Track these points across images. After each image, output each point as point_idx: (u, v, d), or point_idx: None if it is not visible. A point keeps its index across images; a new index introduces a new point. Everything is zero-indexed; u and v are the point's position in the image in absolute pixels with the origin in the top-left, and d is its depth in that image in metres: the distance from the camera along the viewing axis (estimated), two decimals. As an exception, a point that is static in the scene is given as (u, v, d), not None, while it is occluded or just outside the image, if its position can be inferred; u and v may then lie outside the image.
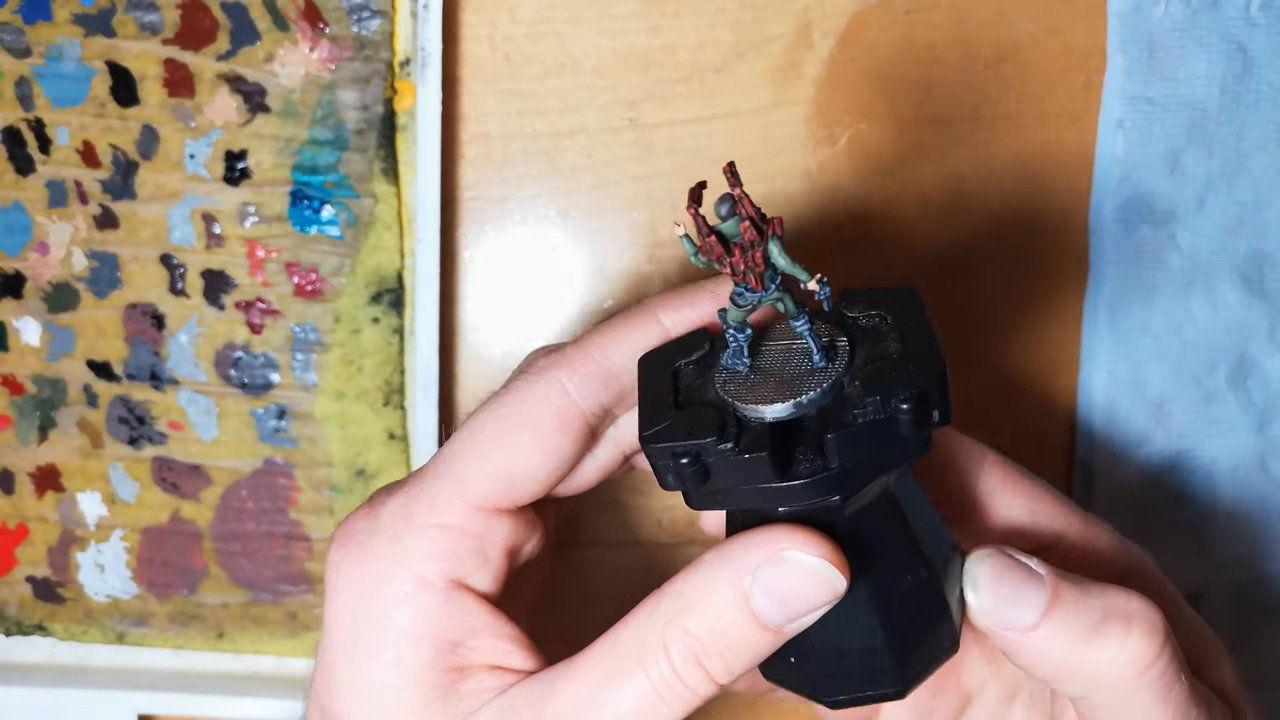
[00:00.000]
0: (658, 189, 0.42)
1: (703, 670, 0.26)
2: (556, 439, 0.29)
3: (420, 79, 0.39)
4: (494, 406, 0.29)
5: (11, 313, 0.42)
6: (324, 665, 0.29)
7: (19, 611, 0.43)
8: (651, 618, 0.27)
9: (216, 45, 0.40)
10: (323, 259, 0.41)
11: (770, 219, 0.25)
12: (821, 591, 0.26)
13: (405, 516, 0.29)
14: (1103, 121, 0.41)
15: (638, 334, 0.30)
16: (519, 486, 0.29)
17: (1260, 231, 0.42)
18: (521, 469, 0.29)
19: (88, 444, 0.42)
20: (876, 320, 0.28)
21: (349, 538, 0.29)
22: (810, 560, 0.26)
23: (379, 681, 0.28)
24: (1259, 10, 0.40)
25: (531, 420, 0.29)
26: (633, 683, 0.26)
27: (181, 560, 0.43)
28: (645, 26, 0.41)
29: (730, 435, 0.26)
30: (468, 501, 0.28)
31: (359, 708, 0.28)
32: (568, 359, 0.29)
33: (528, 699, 0.28)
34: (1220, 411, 0.43)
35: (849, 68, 0.41)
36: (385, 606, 0.28)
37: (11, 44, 0.40)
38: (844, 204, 0.42)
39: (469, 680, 0.28)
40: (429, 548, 0.28)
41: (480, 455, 0.29)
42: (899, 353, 0.27)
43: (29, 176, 0.41)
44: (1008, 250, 0.43)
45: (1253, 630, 0.44)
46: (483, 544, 0.29)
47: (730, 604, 0.26)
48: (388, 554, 0.28)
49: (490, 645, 0.29)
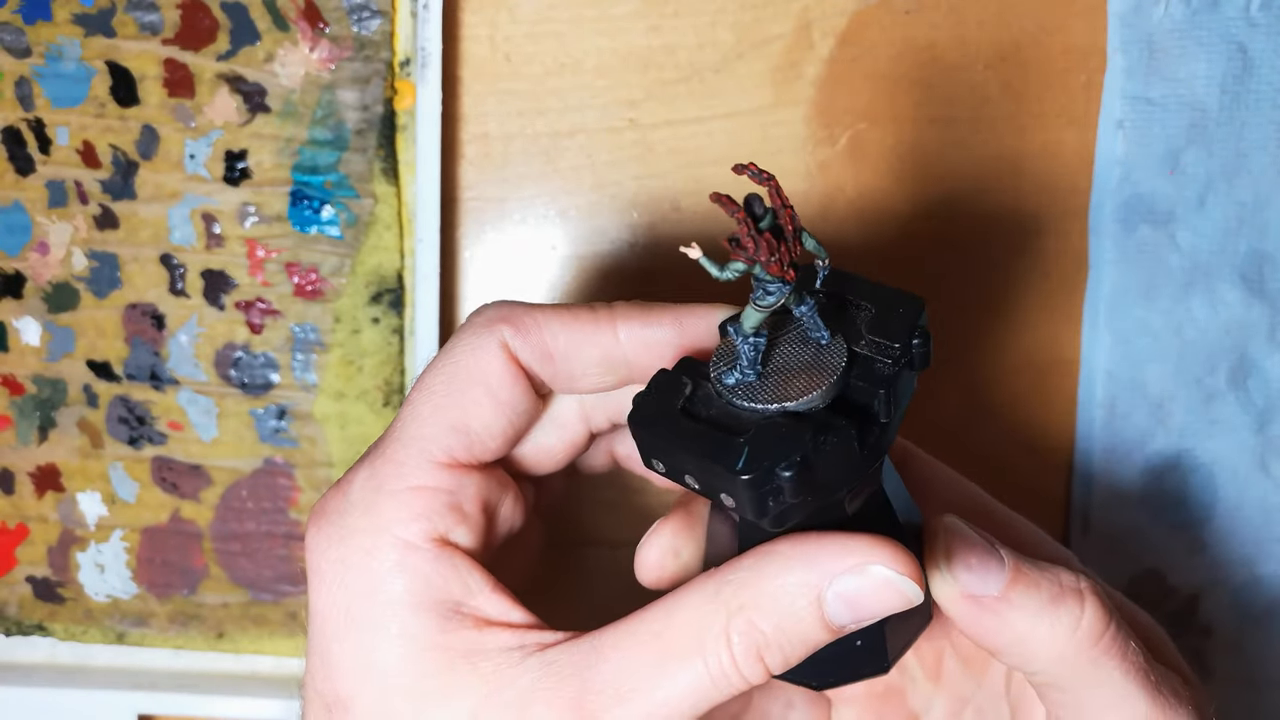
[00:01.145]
0: (658, 189, 0.42)
1: (761, 663, 0.27)
2: (508, 391, 0.29)
3: (420, 79, 0.39)
4: (443, 364, 0.29)
5: (11, 313, 0.42)
6: (319, 652, 0.29)
7: (19, 611, 0.43)
8: (714, 603, 0.27)
9: (216, 45, 0.40)
10: (323, 259, 0.41)
11: (787, 205, 0.26)
12: (897, 602, 0.27)
13: (375, 486, 0.28)
14: (1103, 121, 0.41)
15: (589, 330, 0.30)
16: (479, 440, 0.29)
17: (1260, 231, 0.42)
18: (478, 422, 0.29)
19: (88, 444, 0.42)
20: (820, 296, 0.28)
21: (324, 518, 0.29)
22: (893, 576, 0.26)
23: (385, 657, 0.27)
24: (1259, 10, 0.40)
25: (480, 374, 0.29)
26: (690, 667, 0.26)
27: (181, 560, 0.43)
28: (645, 26, 0.41)
29: (822, 429, 0.26)
30: (432, 459, 0.28)
31: (368, 689, 0.28)
32: (515, 318, 0.29)
33: (572, 665, 0.27)
34: (1220, 411, 0.42)
35: (849, 68, 0.41)
36: (376, 580, 0.28)
37: (11, 44, 0.40)
38: (844, 204, 0.42)
39: (481, 640, 0.28)
40: (405, 511, 0.28)
41: (436, 413, 0.29)
42: (876, 308, 0.28)
43: (29, 176, 0.41)
44: (1008, 250, 0.43)
45: (1253, 630, 0.44)
46: (456, 499, 0.28)
47: (802, 605, 0.26)
48: (365, 526, 0.28)
49: (490, 603, 0.28)
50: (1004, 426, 0.43)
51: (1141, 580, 0.43)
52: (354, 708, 0.28)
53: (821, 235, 0.42)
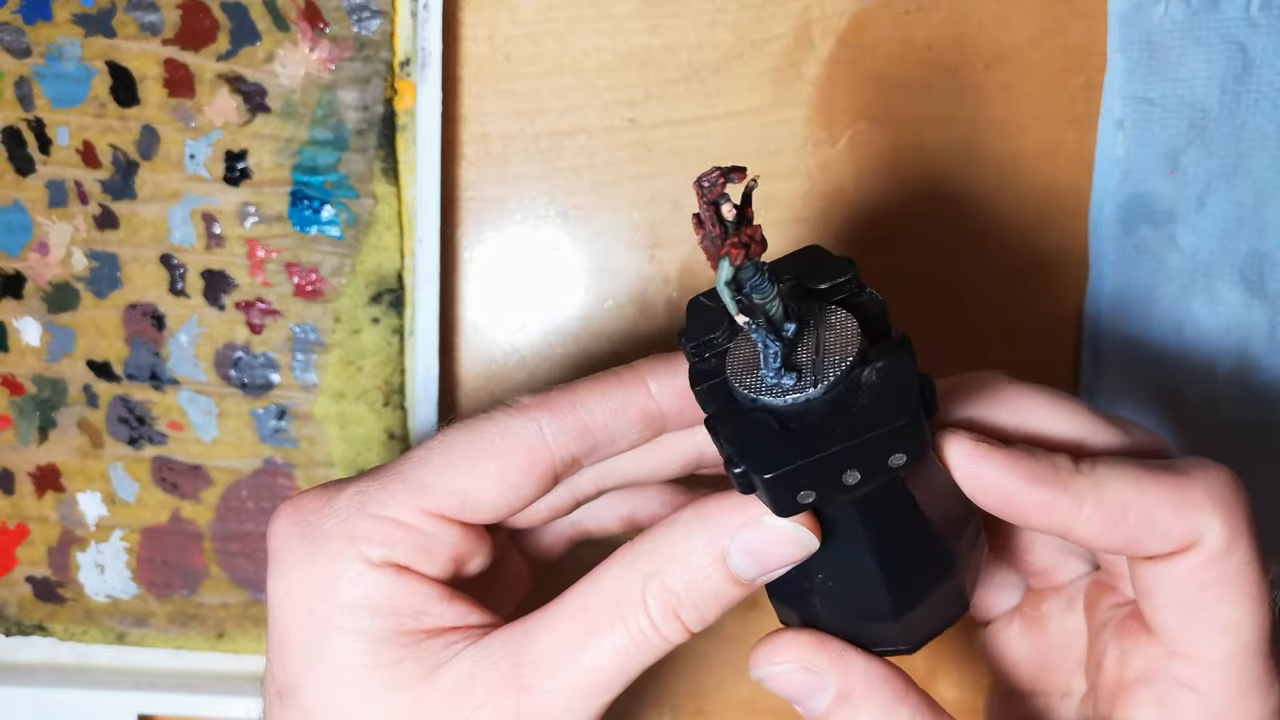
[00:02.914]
0: (658, 189, 0.42)
1: (679, 622, 0.28)
2: (519, 476, 0.30)
3: (420, 79, 0.39)
4: (471, 428, 0.30)
5: (11, 313, 0.42)
6: (275, 640, 0.30)
7: (19, 611, 0.43)
8: (630, 571, 0.28)
9: (216, 45, 0.40)
10: (323, 259, 0.41)
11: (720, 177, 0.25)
12: (795, 551, 0.28)
13: (360, 504, 0.29)
14: (1103, 121, 0.41)
15: (623, 394, 0.30)
16: (471, 508, 0.30)
17: (1260, 231, 0.42)
18: (478, 494, 0.29)
19: (88, 444, 0.42)
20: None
21: (299, 515, 0.30)
22: (785, 525, 0.28)
23: (338, 650, 0.29)
24: (1259, 10, 0.40)
25: (501, 452, 0.29)
26: (612, 634, 0.28)
27: (181, 560, 0.43)
28: (645, 26, 0.41)
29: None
30: (420, 505, 0.29)
31: (317, 677, 0.29)
32: (551, 403, 0.30)
33: (505, 647, 0.29)
34: (1220, 412, 0.43)
35: (849, 68, 0.41)
36: (338, 583, 0.29)
37: (11, 44, 0.40)
38: (844, 204, 0.42)
39: (435, 639, 0.29)
40: (378, 534, 0.29)
41: (445, 468, 0.29)
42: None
43: (29, 176, 0.41)
44: (1008, 250, 0.43)
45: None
46: (428, 543, 0.29)
47: (708, 562, 0.28)
48: (339, 535, 0.29)
49: (448, 611, 0.29)
50: (1004, 426, 0.43)
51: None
52: (301, 695, 0.29)
53: (821, 235, 0.42)
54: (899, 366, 0.26)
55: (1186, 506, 0.28)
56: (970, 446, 0.28)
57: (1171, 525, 0.27)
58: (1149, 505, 0.27)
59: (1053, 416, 0.30)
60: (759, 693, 0.45)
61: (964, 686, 0.45)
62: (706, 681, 0.45)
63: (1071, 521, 0.28)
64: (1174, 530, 0.28)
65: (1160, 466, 0.28)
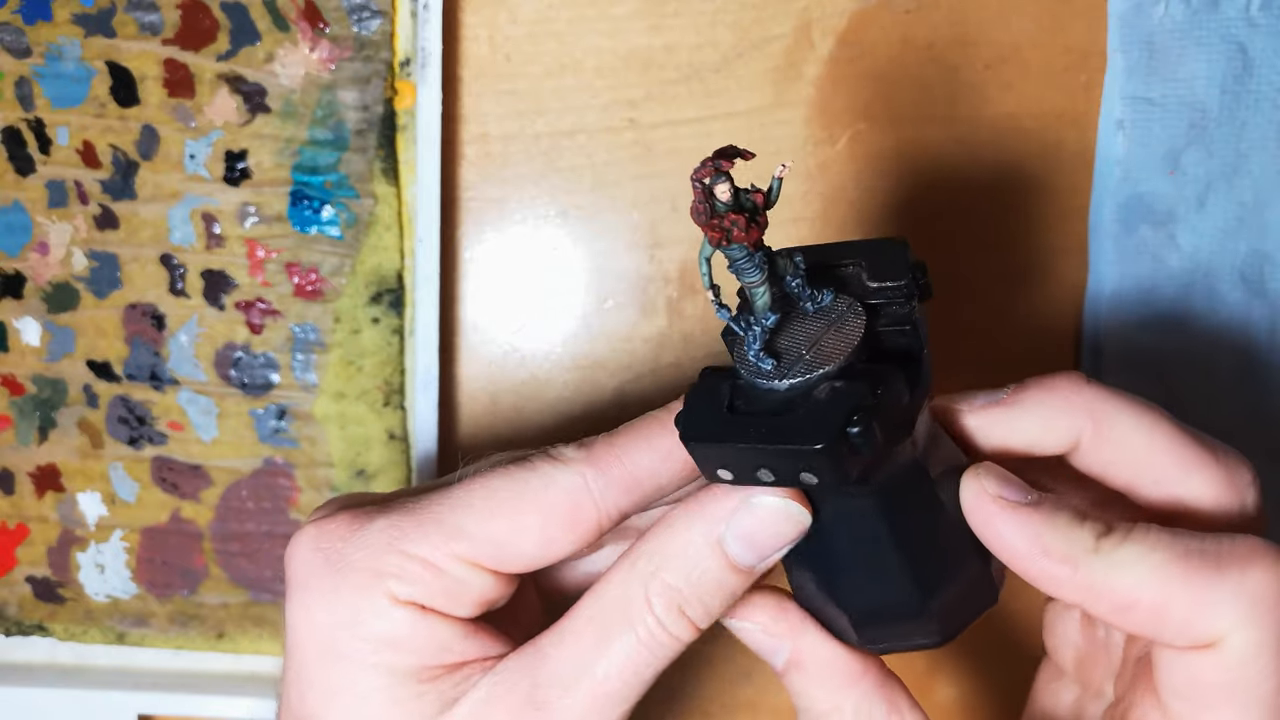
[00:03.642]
0: (658, 189, 0.42)
1: (685, 618, 0.28)
2: (559, 532, 0.29)
3: (420, 79, 0.39)
4: (514, 477, 0.29)
5: (11, 313, 0.42)
6: (295, 669, 0.29)
7: (19, 611, 0.43)
8: (631, 575, 0.28)
9: (216, 45, 0.40)
10: (323, 259, 0.41)
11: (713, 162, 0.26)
12: (789, 528, 0.28)
13: (391, 539, 0.29)
14: (1103, 121, 0.41)
15: (669, 439, 0.29)
16: (506, 559, 0.29)
17: (1260, 231, 0.42)
18: (515, 546, 0.29)
19: (88, 444, 0.42)
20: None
21: (325, 540, 0.29)
22: (774, 501, 0.28)
23: (360, 683, 0.28)
24: (1259, 10, 0.40)
25: (545, 508, 0.29)
26: (622, 640, 0.28)
27: (181, 560, 0.43)
28: (645, 26, 0.41)
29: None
30: (453, 550, 0.29)
31: (337, 709, 0.28)
32: (596, 457, 0.29)
33: (520, 670, 0.28)
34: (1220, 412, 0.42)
35: (849, 68, 0.41)
36: (361, 616, 0.28)
37: (11, 44, 0.40)
38: (844, 204, 0.42)
39: (455, 673, 0.29)
40: (406, 573, 0.29)
41: (484, 516, 0.29)
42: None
43: (29, 176, 0.41)
44: (1008, 251, 0.43)
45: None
46: (456, 588, 0.29)
47: (705, 553, 0.28)
48: (366, 568, 0.29)
49: (472, 645, 0.29)
50: (1004, 426, 0.43)
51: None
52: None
53: (822, 235, 0.42)
54: (851, 394, 0.25)
55: (1212, 604, 0.26)
56: (984, 500, 0.27)
57: (1190, 622, 0.26)
58: (1168, 596, 0.26)
59: (1118, 441, 0.29)
60: (761, 694, 0.45)
61: (963, 685, 0.45)
62: (709, 685, 0.45)
63: (1079, 600, 0.27)
64: (1192, 628, 0.26)
65: (1198, 550, 0.26)
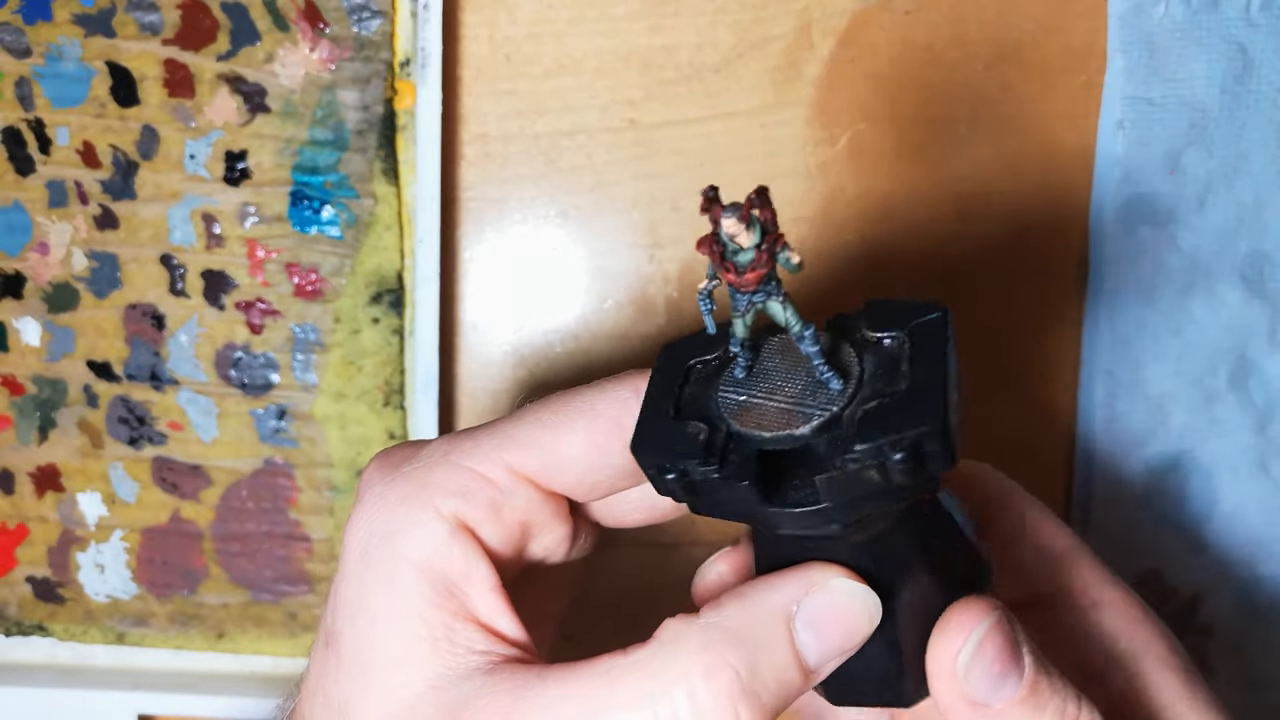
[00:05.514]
0: (658, 189, 0.42)
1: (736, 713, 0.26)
2: (604, 437, 0.29)
3: (420, 79, 0.39)
4: (566, 394, 0.30)
5: (11, 313, 0.42)
6: (334, 583, 0.30)
7: (19, 611, 0.43)
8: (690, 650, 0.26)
9: (216, 45, 0.40)
10: (323, 259, 0.41)
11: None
12: (862, 617, 0.27)
13: (444, 452, 0.29)
14: (1103, 121, 0.41)
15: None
16: (554, 466, 0.29)
17: (1260, 231, 0.42)
18: (561, 451, 0.29)
19: (88, 444, 0.42)
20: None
21: (387, 458, 0.30)
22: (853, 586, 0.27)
23: (378, 606, 0.29)
24: (1259, 10, 0.40)
25: (592, 413, 0.29)
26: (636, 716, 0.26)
27: (181, 560, 0.43)
28: (645, 26, 0.41)
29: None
30: (502, 458, 0.29)
31: (352, 631, 0.29)
32: (642, 379, 0.29)
33: (512, 683, 0.27)
34: (1220, 412, 0.42)
35: (849, 68, 0.41)
36: (399, 525, 0.29)
37: (11, 44, 0.40)
38: (844, 204, 0.42)
39: (460, 631, 0.28)
40: (452, 482, 0.29)
41: (535, 425, 0.29)
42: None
43: (29, 176, 0.41)
44: (1008, 251, 0.43)
45: (1253, 630, 0.44)
46: (501, 499, 0.29)
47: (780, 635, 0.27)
48: (415, 479, 0.29)
49: (483, 600, 0.29)
50: (1004, 427, 0.43)
51: (1142, 580, 0.43)
52: (337, 645, 0.29)
53: (821, 235, 0.42)
54: (742, 449, 0.25)
55: None
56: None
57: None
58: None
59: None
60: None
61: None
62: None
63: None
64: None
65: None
